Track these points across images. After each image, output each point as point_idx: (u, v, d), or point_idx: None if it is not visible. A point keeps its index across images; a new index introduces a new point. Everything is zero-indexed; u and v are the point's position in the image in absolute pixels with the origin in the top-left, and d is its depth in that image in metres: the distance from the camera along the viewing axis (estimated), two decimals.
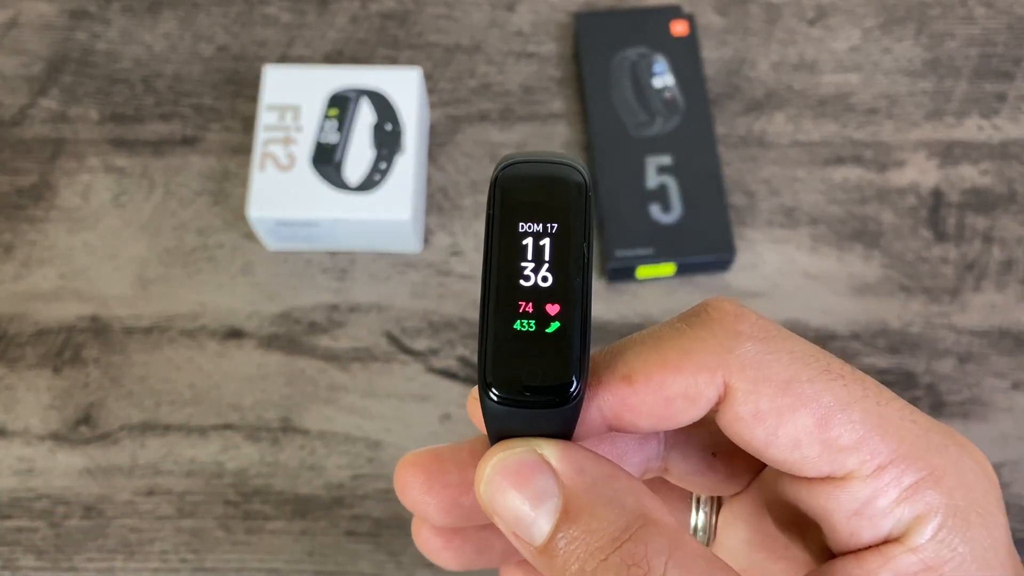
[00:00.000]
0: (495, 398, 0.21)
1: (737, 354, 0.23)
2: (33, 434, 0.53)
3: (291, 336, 0.55)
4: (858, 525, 0.23)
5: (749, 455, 0.25)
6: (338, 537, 0.51)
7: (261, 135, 0.54)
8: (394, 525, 0.51)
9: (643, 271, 0.55)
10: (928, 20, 0.62)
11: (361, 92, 0.56)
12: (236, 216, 0.57)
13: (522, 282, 0.21)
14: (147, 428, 0.53)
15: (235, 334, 0.55)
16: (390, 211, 0.53)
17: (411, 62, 0.61)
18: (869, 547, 0.23)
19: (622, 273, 0.55)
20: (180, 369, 0.54)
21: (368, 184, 0.54)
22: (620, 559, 0.20)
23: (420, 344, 0.55)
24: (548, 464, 0.22)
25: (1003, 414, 0.53)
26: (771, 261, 0.57)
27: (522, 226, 0.21)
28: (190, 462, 0.53)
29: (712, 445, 0.27)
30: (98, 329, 0.55)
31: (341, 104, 0.55)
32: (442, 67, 0.61)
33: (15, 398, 0.54)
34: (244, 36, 0.62)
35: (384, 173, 0.54)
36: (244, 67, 0.61)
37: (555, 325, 0.21)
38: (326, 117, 0.55)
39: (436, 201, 0.58)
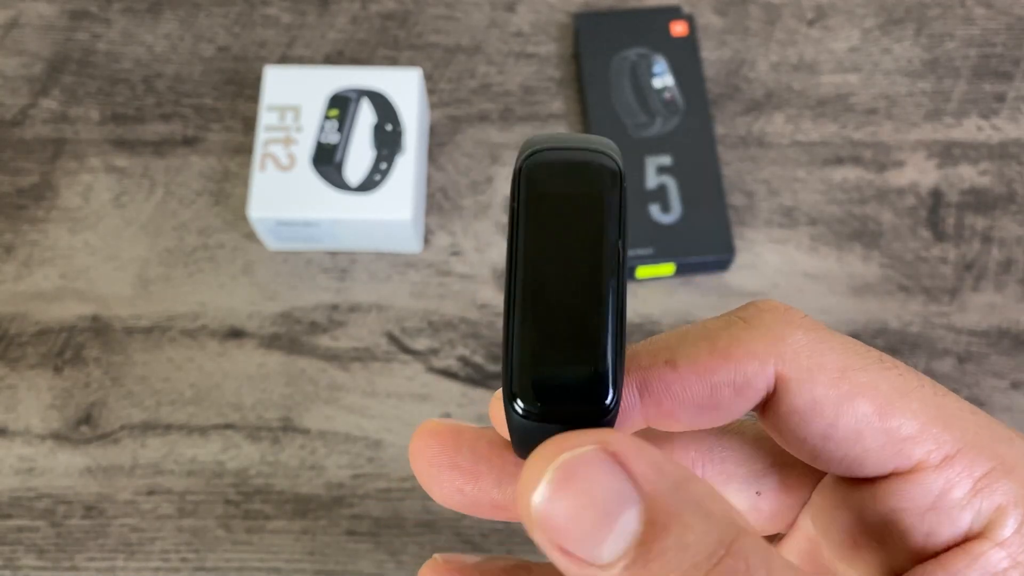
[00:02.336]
0: (521, 411, 0.19)
1: (789, 342, 0.21)
2: (34, 434, 0.53)
3: (291, 336, 0.55)
4: (935, 522, 0.21)
5: (796, 489, 0.23)
6: (338, 536, 0.51)
7: (262, 135, 0.55)
8: (394, 525, 0.51)
9: (643, 271, 0.55)
10: (927, 21, 0.62)
11: (361, 92, 0.56)
12: (237, 216, 0.57)
13: (550, 284, 0.19)
14: (148, 428, 0.53)
15: (236, 334, 0.55)
16: (390, 211, 0.53)
17: (411, 62, 0.61)
18: (949, 548, 0.21)
19: None
20: (181, 369, 0.54)
21: (368, 184, 0.54)
22: None
23: (420, 344, 0.55)
24: (622, 464, 0.18)
25: (1002, 414, 0.53)
26: (770, 261, 0.57)
27: (550, 222, 0.19)
28: (191, 462, 0.53)
29: (755, 483, 0.25)
30: (99, 329, 0.55)
31: (341, 104, 0.55)
32: (442, 67, 0.61)
33: (16, 398, 0.54)
34: (245, 37, 0.62)
35: (384, 173, 0.54)
36: (245, 67, 0.61)
37: (587, 331, 0.19)
38: (326, 117, 0.55)
39: (436, 201, 0.58)
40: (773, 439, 0.23)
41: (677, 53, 0.59)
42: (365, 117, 0.55)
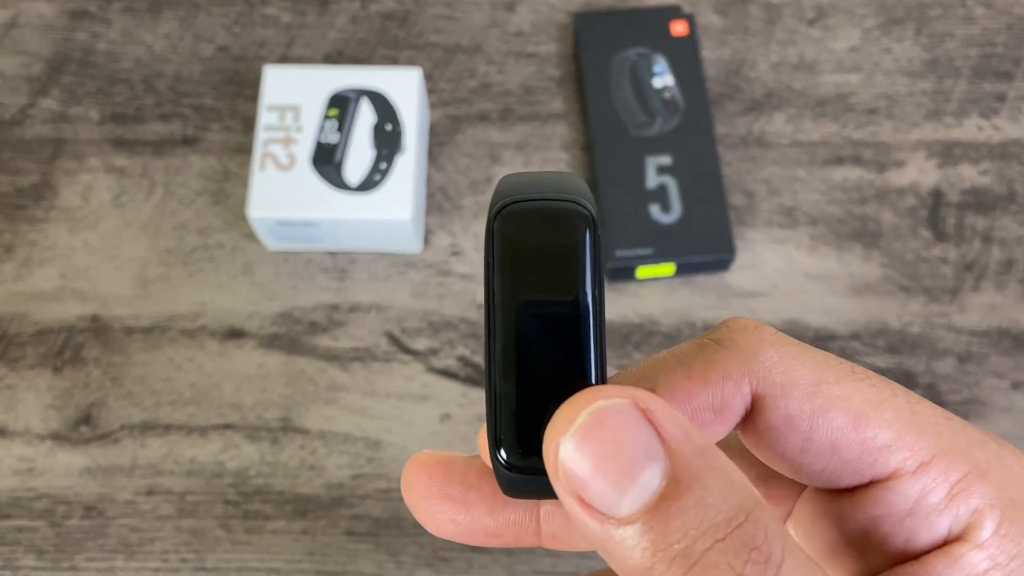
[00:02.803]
0: (504, 463, 0.20)
1: (761, 359, 0.22)
2: (33, 434, 0.53)
3: (291, 336, 0.55)
4: (914, 527, 0.21)
5: (778, 502, 0.24)
6: (338, 537, 0.51)
7: (261, 135, 0.55)
8: (394, 525, 0.51)
9: (643, 271, 0.55)
10: (928, 20, 0.62)
11: (361, 92, 0.56)
12: (236, 216, 0.57)
13: (530, 338, 0.19)
14: (147, 428, 0.53)
15: (235, 334, 0.55)
16: (390, 211, 0.53)
17: (411, 62, 0.61)
18: (928, 552, 0.21)
19: (622, 273, 0.55)
20: (180, 369, 0.54)
21: (368, 184, 0.54)
22: (740, 541, 0.18)
23: (420, 344, 0.55)
24: (652, 421, 0.18)
25: (1002, 414, 0.53)
26: (771, 261, 0.57)
27: (526, 275, 0.19)
28: (190, 462, 0.53)
29: None
30: (98, 329, 0.55)
31: (341, 104, 0.55)
32: (442, 67, 0.61)
33: (15, 398, 0.54)
34: (244, 36, 0.62)
35: (384, 173, 0.54)
36: (244, 67, 0.61)
37: (569, 386, 0.19)
38: (326, 117, 0.55)
39: (436, 201, 0.58)
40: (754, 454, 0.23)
41: (677, 53, 0.59)
42: (365, 117, 0.55)
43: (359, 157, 0.54)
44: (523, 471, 0.19)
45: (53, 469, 0.52)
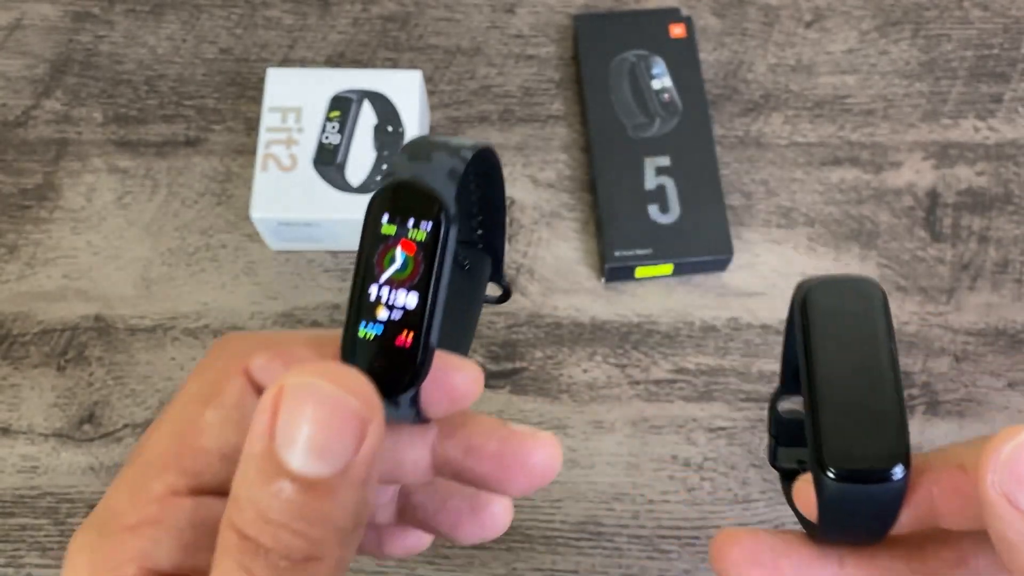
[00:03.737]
0: (832, 476, 0.23)
1: None
2: (37, 432, 0.54)
3: None
4: None
5: None
6: None
7: (264, 136, 0.55)
8: None
9: (641, 271, 0.56)
10: (924, 22, 0.63)
11: (363, 94, 0.56)
12: (239, 216, 0.58)
13: (840, 377, 0.24)
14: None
15: None
16: None
17: (412, 64, 0.62)
18: None
19: (621, 273, 0.56)
20: (183, 368, 0.55)
21: (370, 185, 0.54)
22: None
23: None
24: None
25: (999, 413, 0.54)
26: (768, 261, 0.57)
27: (831, 329, 0.25)
28: None
29: None
30: (102, 328, 0.56)
31: (343, 106, 0.56)
32: (443, 69, 0.62)
33: (19, 397, 0.54)
34: (247, 38, 0.63)
35: None
36: (247, 69, 0.62)
37: (877, 410, 0.24)
38: (328, 119, 0.55)
39: None
40: None
41: (676, 55, 0.60)
42: (366, 118, 0.56)
43: (361, 158, 0.55)
44: (851, 479, 0.23)
45: (57, 468, 0.53)
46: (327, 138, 0.55)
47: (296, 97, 0.56)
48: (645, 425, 0.54)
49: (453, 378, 0.24)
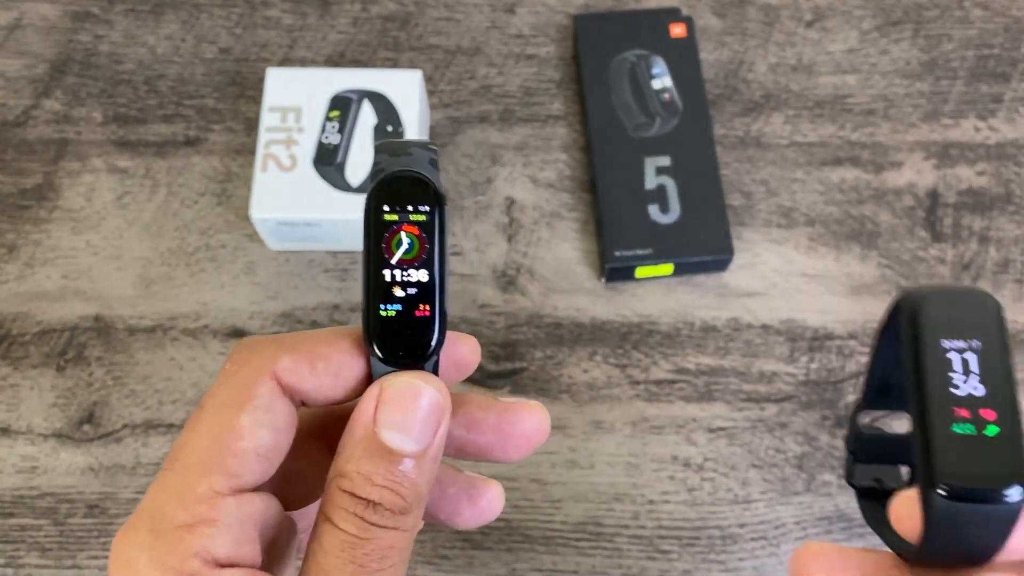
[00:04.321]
0: (944, 493, 0.22)
1: None
2: (37, 433, 0.53)
3: None
4: None
5: None
6: None
7: (263, 136, 0.55)
8: None
9: (642, 271, 0.56)
10: (925, 22, 0.63)
11: (363, 94, 0.56)
12: (238, 216, 0.58)
13: (953, 390, 0.23)
14: (150, 427, 0.54)
15: (237, 334, 0.55)
16: None
17: (412, 64, 0.62)
18: None
19: (621, 273, 0.56)
20: (183, 368, 0.55)
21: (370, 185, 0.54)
22: None
23: None
24: None
25: None
26: (769, 261, 0.57)
27: (944, 342, 0.24)
28: None
29: None
30: (101, 329, 0.56)
31: (343, 106, 0.56)
32: (443, 69, 0.62)
33: (19, 397, 0.54)
34: (246, 38, 0.63)
35: None
36: (246, 69, 0.62)
37: (994, 429, 0.23)
38: (328, 118, 0.55)
39: None
40: None
41: (676, 54, 0.59)
42: (366, 118, 0.56)
43: (360, 158, 0.55)
44: (963, 498, 0.22)
45: (56, 468, 0.53)
46: (327, 138, 0.55)
47: (296, 97, 0.56)
48: (645, 425, 0.54)
49: (459, 349, 0.28)
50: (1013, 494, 0.22)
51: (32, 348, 0.55)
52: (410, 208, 0.26)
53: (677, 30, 0.60)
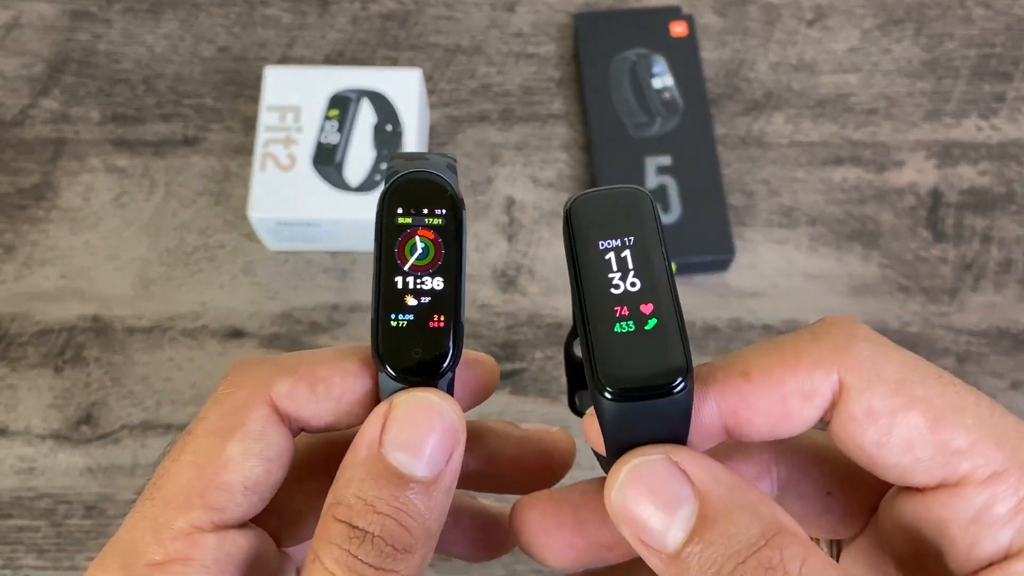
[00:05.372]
0: (610, 396, 0.21)
1: (852, 352, 0.23)
2: (34, 433, 0.53)
3: (292, 336, 0.55)
4: (976, 535, 0.22)
5: (864, 492, 0.25)
6: None
7: (262, 135, 0.55)
8: None
9: None
10: (927, 21, 0.63)
11: (362, 93, 0.56)
12: (237, 216, 0.58)
13: (613, 290, 0.22)
14: (148, 427, 0.53)
15: (236, 334, 0.55)
16: None
17: (411, 63, 0.61)
18: (990, 564, 0.22)
19: None
20: (181, 369, 0.54)
21: (369, 184, 0.54)
22: (758, 562, 0.20)
23: None
24: (683, 471, 0.22)
25: None
26: (770, 261, 0.57)
27: (602, 243, 0.23)
28: None
29: (827, 484, 0.27)
30: (99, 329, 0.55)
31: (342, 105, 0.55)
32: (442, 68, 0.62)
33: (16, 398, 0.54)
34: (245, 37, 0.62)
35: (385, 174, 0.54)
36: (245, 68, 0.61)
37: (653, 321, 0.22)
38: (327, 118, 0.55)
39: None
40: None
41: (677, 53, 0.59)
42: (365, 117, 0.55)
43: (360, 157, 0.54)
44: (629, 397, 0.21)
45: (54, 469, 0.53)
46: (326, 137, 0.55)
47: (295, 96, 0.56)
48: None
49: (474, 370, 0.25)
50: (678, 383, 0.21)
51: (30, 348, 0.55)
52: (425, 211, 0.24)
53: (678, 29, 0.60)
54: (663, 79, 0.59)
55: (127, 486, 0.52)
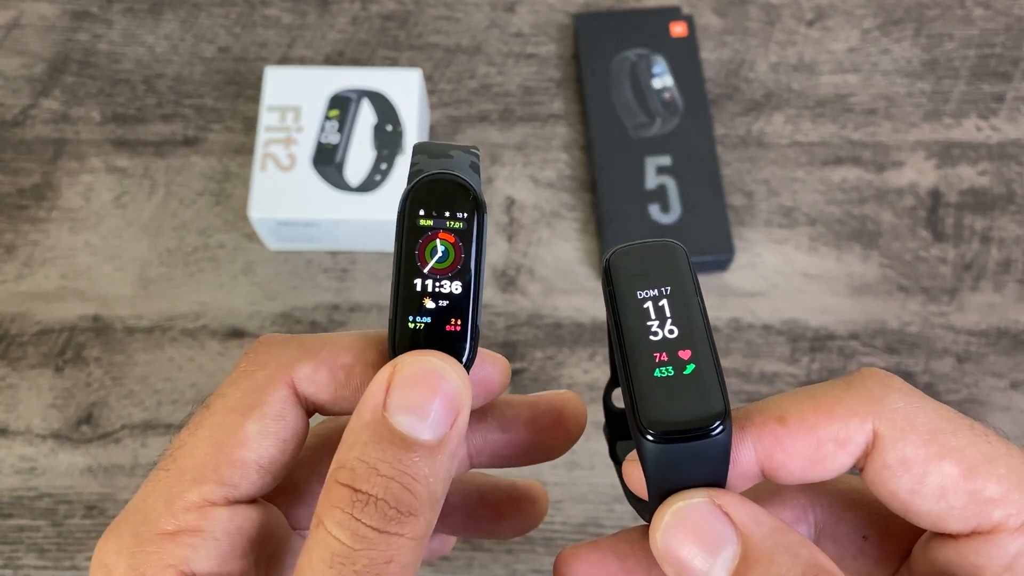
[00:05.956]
0: (652, 438, 0.22)
1: (886, 403, 0.24)
2: (35, 433, 0.53)
3: None
4: None
5: (898, 536, 0.25)
6: None
7: (262, 136, 0.55)
8: None
9: None
10: (926, 21, 0.63)
11: (362, 93, 0.56)
12: (237, 216, 0.58)
13: (652, 337, 0.23)
14: (148, 427, 0.53)
15: (236, 334, 0.55)
16: (391, 211, 0.53)
17: (411, 63, 0.62)
18: None
19: None
20: (181, 369, 0.55)
21: (369, 184, 0.54)
22: None
23: None
24: (725, 513, 0.23)
25: (1001, 414, 0.54)
26: (770, 261, 0.57)
27: (640, 293, 0.24)
28: None
29: (862, 528, 0.27)
30: (100, 329, 0.55)
31: (342, 105, 0.55)
32: (442, 68, 0.62)
33: (17, 398, 0.54)
34: (245, 37, 0.62)
35: (385, 174, 0.54)
36: (245, 68, 0.61)
37: (691, 367, 0.23)
38: (327, 118, 0.55)
39: None
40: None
41: (677, 53, 0.59)
42: (365, 117, 0.55)
43: (360, 158, 0.54)
44: (671, 439, 0.22)
45: (54, 468, 0.53)
46: (326, 137, 0.55)
47: (295, 96, 0.56)
48: None
49: (486, 369, 0.26)
50: (716, 426, 0.22)
51: (30, 348, 0.55)
52: (447, 214, 0.24)
53: (678, 29, 0.60)
54: (663, 79, 0.59)
55: (127, 486, 0.52)
